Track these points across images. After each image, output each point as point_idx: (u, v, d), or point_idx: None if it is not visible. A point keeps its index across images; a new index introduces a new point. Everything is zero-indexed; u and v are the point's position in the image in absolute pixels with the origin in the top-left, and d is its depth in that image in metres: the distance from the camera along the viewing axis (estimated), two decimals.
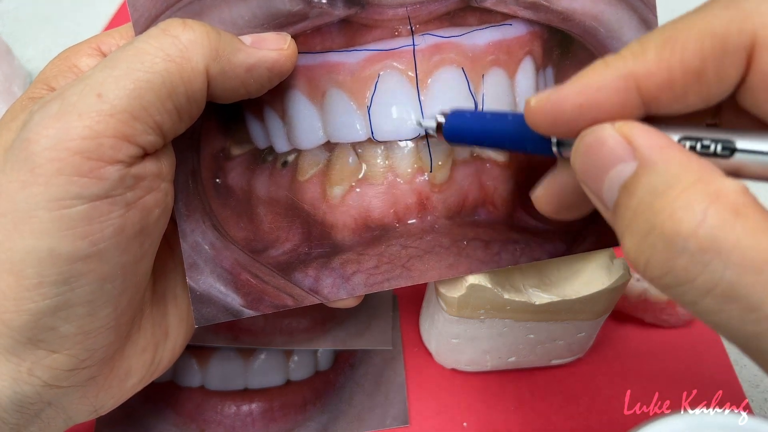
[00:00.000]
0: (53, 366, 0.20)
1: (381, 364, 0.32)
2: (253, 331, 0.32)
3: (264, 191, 0.25)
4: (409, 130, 0.24)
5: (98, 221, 0.18)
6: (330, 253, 0.25)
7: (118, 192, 0.19)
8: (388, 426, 0.30)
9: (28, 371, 0.20)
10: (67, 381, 0.21)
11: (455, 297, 0.26)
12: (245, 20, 0.22)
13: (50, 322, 0.19)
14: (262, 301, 0.24)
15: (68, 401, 0.21)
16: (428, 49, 0.24)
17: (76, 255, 0.18)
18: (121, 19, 0.55)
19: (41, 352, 0.20)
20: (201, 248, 0.24)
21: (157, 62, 0.19)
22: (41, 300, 0.18)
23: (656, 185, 0.14)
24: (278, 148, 0.25)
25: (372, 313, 0.34)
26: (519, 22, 0.24)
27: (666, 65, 0.16)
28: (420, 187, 0.25)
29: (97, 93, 0.18)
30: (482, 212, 0.25)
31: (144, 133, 0.19)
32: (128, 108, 0.18)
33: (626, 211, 0.15)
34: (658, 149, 0.15)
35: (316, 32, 0.23)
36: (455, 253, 0.25)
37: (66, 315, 0.19)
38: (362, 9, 0.23)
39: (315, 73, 0.24)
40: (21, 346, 0.19)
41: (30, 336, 0.19)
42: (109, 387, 0.22)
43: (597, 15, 0.24)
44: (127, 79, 0.18)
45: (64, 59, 0.23)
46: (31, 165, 0.18)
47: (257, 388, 0.31)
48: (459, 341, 0.29)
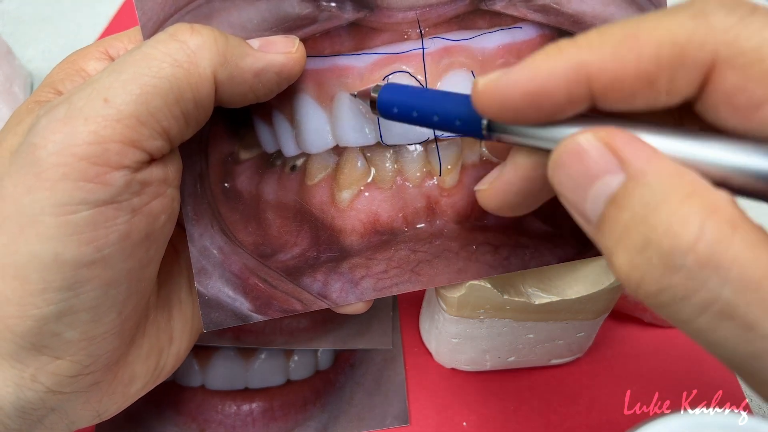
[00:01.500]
0: (57, 372, 0.20)
1: (381, 364, 0.33)
2: (254, 331, 0.32)
3: (272, 195, 0.25)
4: (418, 134, 0.24)
5: (104, 227, 0.18)
6: (338, 257, 0.25)
7: (124, 197, 0.19)
8: (388, 425, 0.30)
9: (31, 377, 0.19)
10: (71, 387, 0.20)
11: (455, 297, 0.26)
12: (254, 24, 0.22)
13: (54, 327, 0.19)
14: (271, 305, 0.24)
15: (71, 407, 0.21)
16: (437, 52, 0.24)
17: (81, 261, 0.18)
18: (122, 19, 0.55)
19: (45, 358, 0.19)
20: (209, 253, 0.24)
21: (164, 67, 0.18)
22: (45, 306, 0.18)
23: (649, 199, 0.14)
24: (287, 152, 0.25)
25: (372, 313, 0.34)
26: (529, 25, 0.24)
27: (620, 64, 0.15)
28: (429, 191, 0.25)
29: (103, 98, 0.18)
30: (491, 216, 0.25)
31: (150, 138, 0.19)
32: (135, 113, 0.18)
33: (616, 225, 0.14)
34: (646, 160, 0.14)
35: (325, 36, 0.23)
36: (464, 258, 0.25)
37: (70, 321, 0.19)
38: (371, 12, 0.23)
39: (324, 77, 0.24)
40: (25, 351, 0.19)
41: (34, 342, 0.19)
42: (112, 393, 0.22)
43: (607, 18, 0.24)
44: (134, 83, 0.18)
45: (71, 62, 0.23)
46: (37, 169, 0.18)
47: (258, 388, 0.31)
48: (459, 341, 0.29)
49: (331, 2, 0.22)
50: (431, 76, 0.24)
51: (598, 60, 0.15)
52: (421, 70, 0.24)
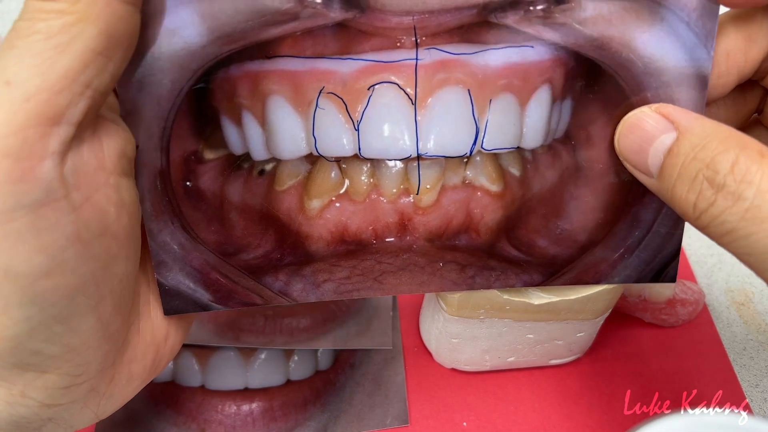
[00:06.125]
0: (47, 386, 0.19)
1: (381, 364, 0.33)
2: (254, 331, 0.32)
3: (237, 198, 0.24)
4: (399, 150, 0.22)
5: (49, 231, 0.16)
6: (302, 261, 0.24)
7: (61, 194, 0.17)
8: (388, 426, 0.30)
9: (21, 394, 0.18)
10: (65, 398, 0.20)
11: (455, 297, 0.26)
12: (227, 15, 0.19)
13: (30, 345, 0.18)
14: (231, 298, 0.23)
15: (69, 414, 0.20)
16: (433, 65, 0.21)
17: (36, 272, 0.17)
18: None
19: (31, 375, 0.18)
20: (169, 247, 0.22)
21: (52, 23, 0.16)
22: (13, 325, 0.17)
23: (696, 142, 0.18)
24: (256, 156, 0.23)
25: (372, 313, 0.34)
26: (542, 44, 0.21)
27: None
28: (403, 207, 0.24)
29: (4, 80, 0.15)
30: (464, 238, 0.24)
31: (72, 103, 0.16)
32: (45, 84, 0.16)
33: (673, 168, 0.19)
34: (692, 119, 0.19)
35: (308, 35, 0.21)
36: (429, 273, 0.24)
37: (45, 336, 0.18)
38: (362, 13, 0.20)
39: (302, 80, 0.21)
40: (7, 371, 0.18)
41: (14, 361, 0.18)
42: (110, 395, 0.22)
43: (637, 47, 0.21)
44: (29, 53, 0.16)
45: None
46: None
47: (257, 388, 0.31)
48: (459, 341, 0.29)
49: None
50: (422, 91, 0.22)
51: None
52: (412, 82, 0.21)
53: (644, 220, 0.23)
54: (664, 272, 0.24)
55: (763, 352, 0.34)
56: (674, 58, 0.21)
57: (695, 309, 0.33)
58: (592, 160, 0.23)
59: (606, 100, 0.22)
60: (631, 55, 0.21)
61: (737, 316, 0.35)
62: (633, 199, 0.23)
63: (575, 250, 0.24)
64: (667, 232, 0.23)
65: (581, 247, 0.24)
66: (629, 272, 0.24)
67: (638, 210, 0.23)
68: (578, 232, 0.24)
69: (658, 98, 0.21)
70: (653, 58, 0.21)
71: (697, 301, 0.33)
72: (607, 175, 0.23)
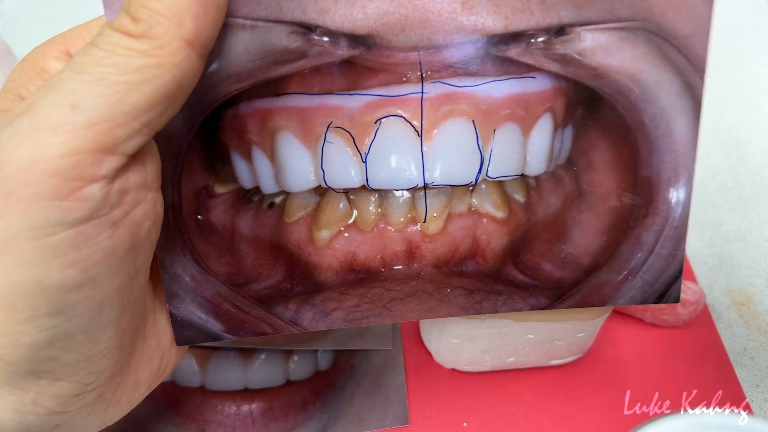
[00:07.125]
0: (58, 394, 0.19)
1: (381, 364, 0.32)
2: None
3: (248, 230, 0.24)
4: (406, 181, 0.23)
5: (86, 246, 0.17)
6: (312, 290, 0.24)
7: (104, 212, 0.17)
8: (388, 426, 0.30)
9: (32, 402, 0.19)
10: (74, 405, 0.20)
11: None
12: (236, 54, 0.20)
13: (49, 353, 0.18)
14: (242, 328, 0.24)
15: (76, 422, 0.21)
16: (438, 98, 0.22)
17: (68, 284, 0.17)
18: None
19: (44, 382, 0.18)
20: (181, 279, 0.23)
21: (131, 61, 0.16)
22: (36, 333, 0.17)
23: None
24: (265, 190, 0.24)
25: None
26: (544, 75, 0.22)
27: None
28: (411, 236, 0.24)
29: (70, 103, 0.16)
30: (471, 264, 0.25)
31: (128, 139, 0.17)
32: (108, 116, 0.16)
33: None
34: None
35: (315, 72, 0.21)
36: (437, 299, 0.24)
37: (65, 345, 0.18)
38: (368, 50, 0.20)
39: (310, 116, 0.22)
40: (21, 379, 0.18)
41: (30, 368, 0.18)
42: (117, 402, 0.22)
43: (635, 74, 0.21)
44: (101, 84, 0.16)
45: (31, 63, 0.21)
46: (5, 190, 0.16)
47: (257, 388, 0.31)
48: (459, 341, 0.29)
49: (324, 36, 0.20)
50: (428, 123, 0.22)
51: None
52: (418, 115, 0.22)
53: (646, 242, 0.24)
54: (668, 293, 0.24)
55: (763, 353, 0.34)
56: (670, 84, 0.21)
57: (695, 309, 0.33)
58: (594, 184, 0.24)
59: (606, 126, 0.23)
60: (628, 83, 0.21)
61: (737, 316, 0.35)
62: (635, 222, 0.24)
63: (580, 273, 0.25)
64: (669, 253, 0.23)
65: (586, 270, 0.25)
66: (633, 294, 0.24)
67: (640, 232, 0.24)
68: (582, 255, 0.25)
69: (656, 123, 0.22)
70: (649, 84, 0.21)
71: (698, 302, 0.33)
72: (609, 198, 0.24)
